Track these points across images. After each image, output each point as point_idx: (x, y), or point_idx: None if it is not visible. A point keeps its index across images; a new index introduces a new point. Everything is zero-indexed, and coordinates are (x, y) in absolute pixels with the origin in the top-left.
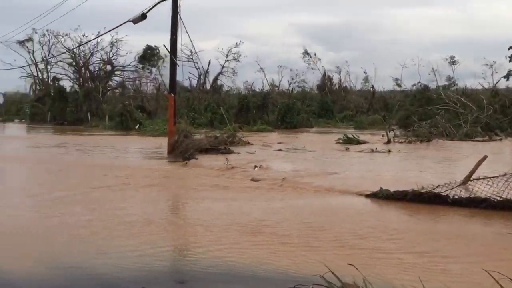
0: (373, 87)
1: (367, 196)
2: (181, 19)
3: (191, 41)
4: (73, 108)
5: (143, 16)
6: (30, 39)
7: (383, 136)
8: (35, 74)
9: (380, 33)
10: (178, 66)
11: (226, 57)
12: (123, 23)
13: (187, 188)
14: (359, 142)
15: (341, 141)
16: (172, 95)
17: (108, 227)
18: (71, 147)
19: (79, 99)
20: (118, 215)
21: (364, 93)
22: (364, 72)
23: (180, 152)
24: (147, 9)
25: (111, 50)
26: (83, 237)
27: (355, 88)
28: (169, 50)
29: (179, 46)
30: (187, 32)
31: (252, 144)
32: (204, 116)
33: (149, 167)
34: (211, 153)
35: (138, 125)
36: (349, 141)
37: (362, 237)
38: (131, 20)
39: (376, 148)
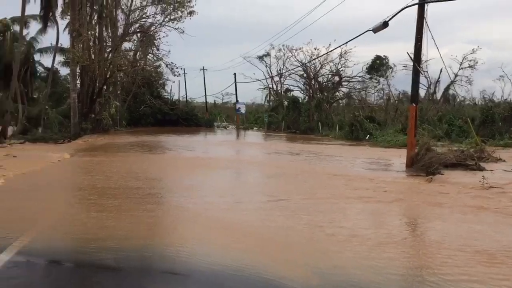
0: None
1: None
2: (427, 25)
3: (437, 48)
4: (305, 117)
5: (384, 25)
6: (267, 54)
7: None
8: (270, 86)
9: None
10: (422, 74)
11: (460, 65)
12: (363, 33)
13: (437, 207)
14: None
15: None
16: (414, 105)
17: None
18: (305, 154)
19: (311, 109)
20: (361, 228)
21: None
22: None
23: (422, 166)
24: (389, 17)
25: (339, 62)
26: (333, 246)
27: None
28: (413, 58)
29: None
30: (433, 38)
31: (504, 160)
32: (439, 127)
33: (388, 180)
34: (457, 169)
35: (368, 135)
36: None
37: None
38: (371, 29)
39: None
